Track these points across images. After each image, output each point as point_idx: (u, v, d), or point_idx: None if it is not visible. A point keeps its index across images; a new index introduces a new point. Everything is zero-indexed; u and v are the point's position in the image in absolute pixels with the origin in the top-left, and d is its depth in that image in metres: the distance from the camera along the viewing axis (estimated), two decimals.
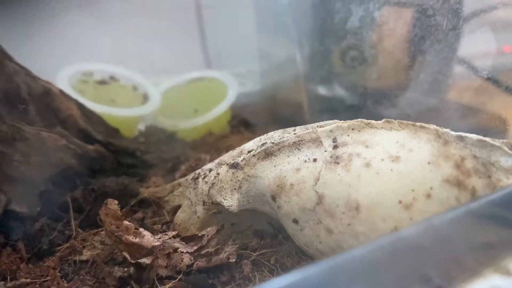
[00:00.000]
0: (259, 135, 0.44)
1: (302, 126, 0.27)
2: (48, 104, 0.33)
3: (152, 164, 0.37)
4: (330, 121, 0.26)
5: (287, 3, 0.56)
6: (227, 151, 0.39)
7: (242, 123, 0.47)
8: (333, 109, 0.61)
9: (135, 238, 0.25)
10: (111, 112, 0.39)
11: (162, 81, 0.75)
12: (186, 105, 0.46)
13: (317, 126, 0.26)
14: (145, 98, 0.45)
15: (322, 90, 0.62)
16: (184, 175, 0.34)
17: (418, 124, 0.24)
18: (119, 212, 0.25)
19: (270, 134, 0.28)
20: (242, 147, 0.29)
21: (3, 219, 0.29)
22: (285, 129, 0.28)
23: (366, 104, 0.59)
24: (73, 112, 0.33)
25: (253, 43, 0.68)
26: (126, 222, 0.25)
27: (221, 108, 0.43)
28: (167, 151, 0.41)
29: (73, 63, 0.54)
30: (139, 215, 0.30)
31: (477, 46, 0.47)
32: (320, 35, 0.56)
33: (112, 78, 0.45)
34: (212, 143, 0.42)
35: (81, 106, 0.35)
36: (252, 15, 0.65)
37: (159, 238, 0.25)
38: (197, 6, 0.83)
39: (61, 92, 0.34)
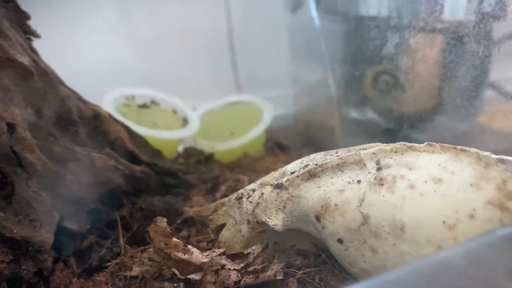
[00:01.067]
0: (294, 157, 0.45)
1: (344, 149, 0.28)
2: (97, 126, 0.35)
3: (193, 184, 0.39)
4: (372, 144, 0.27)
5: (320, 29, 0.57)
6: (265, 172, 0.40)
7: (277, 146, 0.48)
8: (366, 133, 0.62)
9: (184, 255, 0.26)
10: (154, 135, 0.40)
11: (197, 103, 0.77)
12: (223, 128, 0.47)
13: (360, 149, 0.27)
14: (184, 121, 0.46)
15: (354, 114, 0.63)
16: (225, 195, 0.35)
17: (459, 147, 0.25)
18: (168, 229, 0.26)
19: (312, 156, 0.29)
20: (284, 168, 0.30)
21: (56, 235, 0.30)
22: (327, 151, 0.29)
23: (399, 128, 0.60)
24: (121, 135, 0.35)
25: (285, 67, 0.70)
26: (175, 239, 0.26)
27: (257, 131, 0.44)
28: (206, 172, 0.42)
29: (116, 87, 0.57)
30: (184, 233, 0.31)
31: (509, 71, 0.47)
32: (354, 61, 0.58)
33: (153, 102, 0.47)
34: (249, 165, 0.43)
35: (127, 129, 0.37)
36: (284, 40, 0.67)
37: (207, 255, 0.26)
38: (229, 31, 0.86)
39: (110, 115, 0.36)
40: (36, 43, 0.35)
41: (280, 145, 0.49)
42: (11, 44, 0.30)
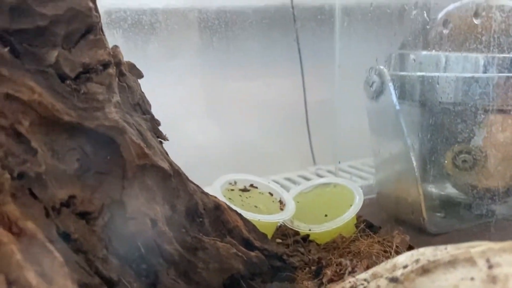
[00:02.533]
0: (386, 238, 0.48)
1: (453, 245, 0.31)
2: (218, 216, 0.39)
3: (297, 266, 0.42)
4: (481, 242, 0.30)
5: (399, 112, 0.61)
6: (363, 255, 0.43)
7: (367, 226, 0.51)
8: (449, 208, 0.64)
9: None
10: (260, 219, 0.45)
11: (276, 177, 0.82)
12: (316, 210, 0.51)
13: (468, 247, 0.30)
14: (280, 203, 0.50)
15: (436, 189, 0.65)
16: (331, 279, 0.38)
17: None
18: None
19: (422, 250, 0.32)
20: (394, 260, 0.33)
21: None
22: (436, 247, 0.32)
23: (481, 203, 0.61)
24: (238, 223, 0.39)
25: (363, 141, 0.73)
26: None
27: (351, 213, 0.48)
28: (305, 253, 0.45)
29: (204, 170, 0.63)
30: None
31: None
32: (432, 139, 0.60)
33: (252, 185, 0.52)
34: (345, 247, 0.46)
35: (241, 217, 0.41)
36: (359, 113, 0.70)
37: None
38: (305, 104, 0.91)
39: (227, 205, 0.40)
40: None
41: (370, 225, 0.52)
42: (155, 152, 0.36)
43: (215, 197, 0.41)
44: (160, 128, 0.41)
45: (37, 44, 0.32)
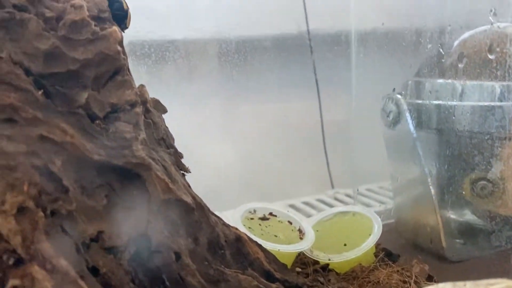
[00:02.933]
0: (405, 268, 0.48)
1: (471, 282, 0.31)
2: (239, 248, 0.40)
3: None
4: (498, 280, 0.30)
5: (417, 139, 0.61)
6: (383, 285, 0.44)
7: (386, 255, 0.51)
8: (467, 235, 0.64)
9: None
10: (280, 249, 0.45)
11: (294, 201, 0.83)
12: (335, 239, 0.51)
13: (487, 284, 0.30)
14: (300, 232, 0.51)
15: (455, 215, 0.65)
16: None
17: None
18: None
19: (441, 285, 0.33)
20: None
21: None
22: (454, 283, 0.32)
23: (501, 230, 0.61)
24: (259, 255, 0.40)
25: (380, 164, 0.74)
26: None
27: (369, 243, 0.48)
28: (325, 283, 0.46)
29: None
30: None
31: None
32: (450, 166, 0.61)
33: (271, 214, 0.53)
34: (364, 276, 0.46)
35: (262, 248, 0.42)
36: (376, 137, 0.71)
37: None
38: (322, 127, 0.92)
39: (248, 237, 0.41)
40: None
41: (389, 253, 0.52)
42: (178, 186, 0.37)
43: (236, 229, 0.42)
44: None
45: (68, 85, 0.34)
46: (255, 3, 0.80)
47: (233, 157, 0.86)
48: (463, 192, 0.60)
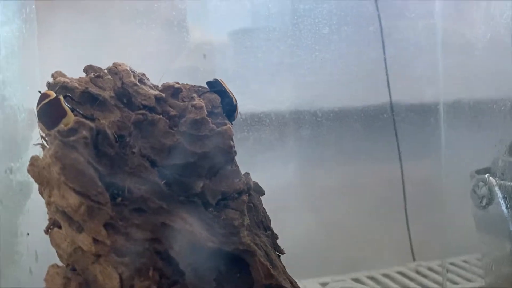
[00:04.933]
0: None
1: None
2: None
3: None
4: None
5: (508, 218, 0.60)
6: None
7: None
8: None
9: None
10: None
11: (373, 273, 0.81)
12: None
13: None
14: None
15: None
16: None
17: None
18: None
19: None
20: None
21: None
22: None
23: None
24: None
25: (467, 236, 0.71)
26: None
27: None
28: None
29: None
30: None
31: None
32: None
33: None
34: None
35: None
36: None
37: None
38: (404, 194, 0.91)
39: None
40: None
41: None
42: (279, 272, 0.39)
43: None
44: None
45: (185, 174, 0.37)
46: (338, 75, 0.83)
47: (313, 223, 0.86)
48: None
